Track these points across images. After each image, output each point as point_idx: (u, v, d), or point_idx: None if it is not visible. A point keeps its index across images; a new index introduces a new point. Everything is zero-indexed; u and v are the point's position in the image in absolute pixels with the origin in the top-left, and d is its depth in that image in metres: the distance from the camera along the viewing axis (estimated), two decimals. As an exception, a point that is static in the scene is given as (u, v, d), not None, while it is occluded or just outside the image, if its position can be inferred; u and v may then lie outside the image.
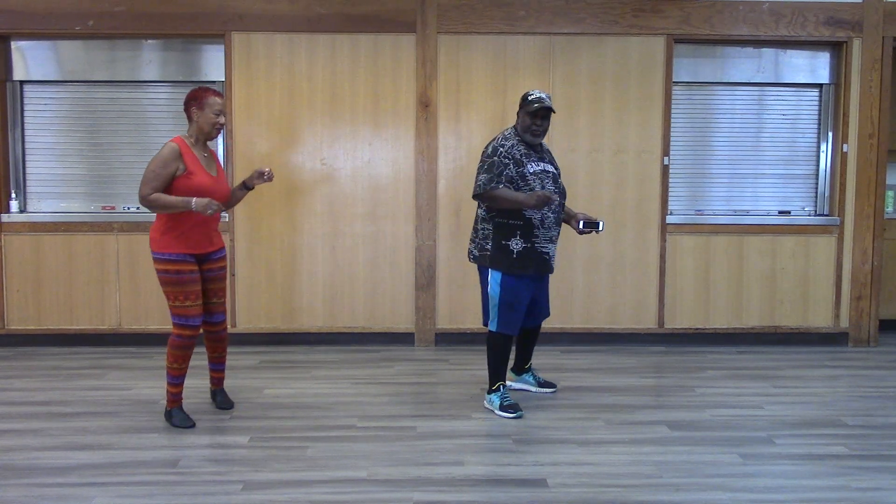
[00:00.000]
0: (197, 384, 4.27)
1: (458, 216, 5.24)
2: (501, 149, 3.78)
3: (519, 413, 3.81)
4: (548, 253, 3.85)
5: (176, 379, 3.66)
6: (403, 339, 5.31)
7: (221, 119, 3.64)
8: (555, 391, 4.23)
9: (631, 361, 4.92)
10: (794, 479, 3.05)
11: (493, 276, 3.81)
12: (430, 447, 3.36)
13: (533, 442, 3.44)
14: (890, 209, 6.02)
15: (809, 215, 5.47)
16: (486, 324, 3.93)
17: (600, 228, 3.85)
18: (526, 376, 4.28)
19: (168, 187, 3.52)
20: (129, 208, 5.32)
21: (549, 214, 3.81)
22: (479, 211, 3.89)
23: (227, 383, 4.32)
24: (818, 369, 4.78)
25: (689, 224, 5.33)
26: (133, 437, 3.47)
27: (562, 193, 3.93)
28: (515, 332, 3.90)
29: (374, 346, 5.26)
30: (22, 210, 5.29)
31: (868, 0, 5.19)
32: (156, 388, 4.24)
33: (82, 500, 2.82)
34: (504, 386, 3.91)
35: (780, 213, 5.46)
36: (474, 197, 3.80)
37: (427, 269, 5.25)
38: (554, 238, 3.88)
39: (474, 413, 3.85)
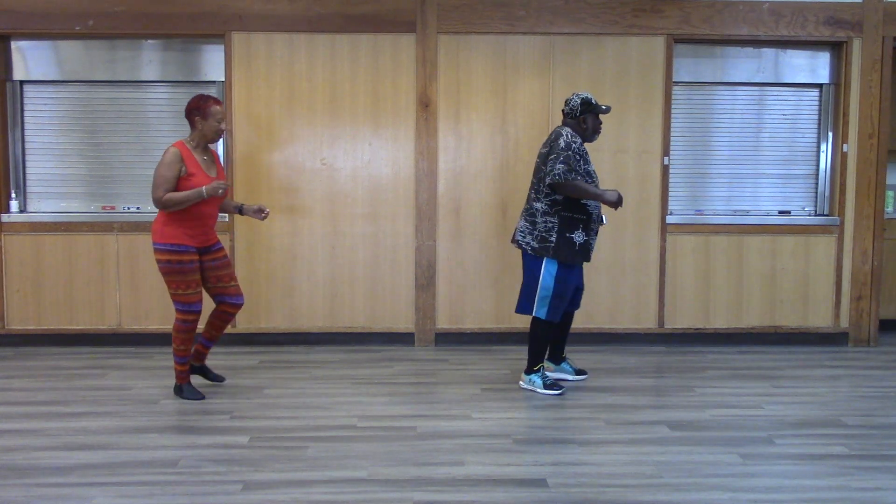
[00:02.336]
0: (195, 384, 4.28)
1: (458, 216, 5.24)
2: (574, 144, 4.03)
3: (563, 390, 4.19)
4: (593, 245, 4.22)
5: (182, 359, 4.02)
6: (403, 339, 5.31)
7: (223, 125, 3.97)
8: (586, 377, 4.49)
9: (631, 361, 4.92)
10: (794, 479, 3.05)
11: (548, 268, 4.08)
12: (430, 447, 3.36)
13: (533, 442, 3.44)
14: (890, 209, 6.02)
15: (809, 215, 5.47)
16: (521, 311, 4.18)
17: (604, 221, 4.23)
18: (564, 365, 4.50)
19: (174, 188, 3.85)
20: (128, 208, 5.32)
21: (597, 210, 4.17)
22: (538, 204, 4.10)
23: (228, 382, 4.38)
24: (818, 369, 4.78)
25: (689, 224, 5.33)
26: (133, 437, 3.47)
27: None
28: (559, 319, 4.18)
29: (374, 346, 5.26)
30: (22, 210, 5.29)
31: (868, 0, 5.20)
32: (156, 388, 4.24)
33: (82, 500, 2.82)
34: (543, 367, 4.25)
35: (780, 213, 5.46)
36: (552, 184, 3.98)
37: (427, 269, 5.25)
38: (598, 230, 4.24)
39: (474, 413, 3.85)
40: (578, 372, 4.50)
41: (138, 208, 5.32)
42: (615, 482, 3.00)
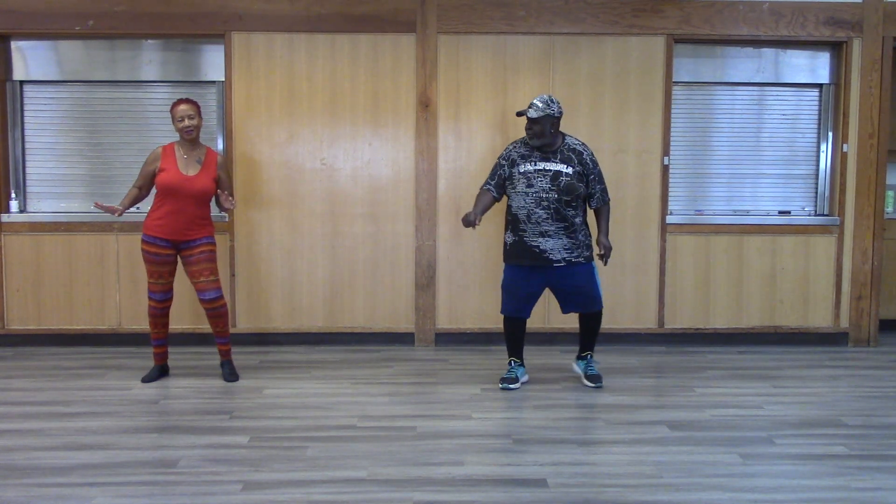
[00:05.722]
0: (195, 384, 4.28)
1: (458, 216, 5.24)
2: (504, 151, 4.32)
3: (504, 386, 4.26)
4: (538, 246, 4.15)
5: (152, 341, 4.44)
6: (403, 339, 5.31)
7: (184, 123, 4.22)
8: (598, 387, 4.32)
9: (631, 361, 4.92)
10: (794, 479, 3.05)
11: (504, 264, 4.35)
12: (430, 447, 3.36)
13: (533, 442, 3.44)
14: (890, 209, 6.02)
15: (809, 215, 5.47)
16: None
17: (602, 263, 4.36)
18: (578, 363, 4.49)
19: (150, 182, 4.31)
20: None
21: (538, 210, 4.11)
22: None
23: (228, 382, 4.36)
24: (818, 369, 4.78)
25: (689, 224, 5.33)
26: (133, 437, 3.47)
27: (565, 190, 4.11)
28: (514, 314, 4.30)
29: (374, 346, 5.26)
30: (22, 210, 5.29)
31: (868, 0, 5.20)
32: (156, 388, 4.25)
33: (82, 500, 2.82)
34: (514, 361, 4.37)
35: (780, 213, 5.46)
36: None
37: (427, 269, 5.25)
38: (549, 233, 4.13)
39: (474, 413, 3.85)
40: (590, 377, 4.35)
41: (138, 208, 5.30)
42: (615, 482, 3.00)
